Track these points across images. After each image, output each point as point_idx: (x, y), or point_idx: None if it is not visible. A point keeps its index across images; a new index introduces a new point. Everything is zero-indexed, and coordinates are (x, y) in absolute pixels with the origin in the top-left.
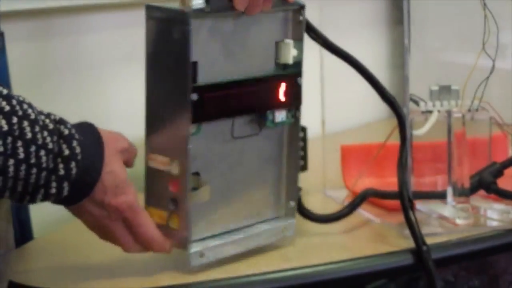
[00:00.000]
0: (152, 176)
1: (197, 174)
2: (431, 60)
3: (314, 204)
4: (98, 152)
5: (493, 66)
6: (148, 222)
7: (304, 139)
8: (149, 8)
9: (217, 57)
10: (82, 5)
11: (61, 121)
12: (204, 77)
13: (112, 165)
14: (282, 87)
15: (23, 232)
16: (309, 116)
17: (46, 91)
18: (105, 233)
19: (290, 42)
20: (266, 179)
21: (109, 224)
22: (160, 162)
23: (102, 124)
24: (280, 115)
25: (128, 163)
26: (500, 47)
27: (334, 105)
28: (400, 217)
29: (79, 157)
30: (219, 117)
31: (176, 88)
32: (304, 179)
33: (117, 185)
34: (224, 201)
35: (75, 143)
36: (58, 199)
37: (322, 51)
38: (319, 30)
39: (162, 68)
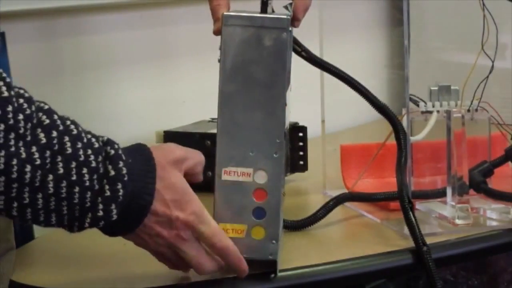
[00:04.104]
0: (227, 190)
1: None
2: (430, 60)
3: (314, 204)
4: (150, 172)
5: (492, 66)
6: (220, 230)
7: (304, 139)
8: (229, 17)
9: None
10: (83, 6)
11: (108, 142)
12: None
13: (168, 179)
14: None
15: (24, 232)
16: (309, 116)
17: (47, 92)
18: (176, 259)
19: None
20: None
21: (182, 246)
22: (241, 174)
23: (102, 125)
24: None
25: (192, 173)
26: (499, 47)
27: (334, 105)
28: (400, 217)
29: (125, 178)
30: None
31: (267, 94)
32: (304, 179)
33: (179, 198)
34: None
35: (121, 164)
36: (111, 225)
37: (322, 51)
38: (303, 45)
39: (247, 76)
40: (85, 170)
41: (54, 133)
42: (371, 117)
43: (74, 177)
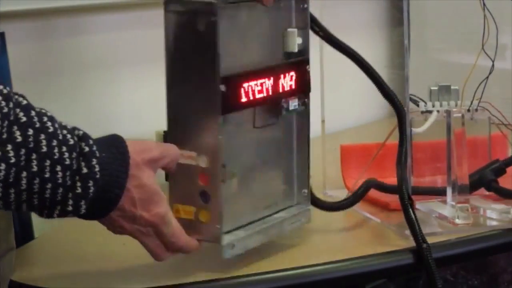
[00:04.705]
0: (179, 172)
1: (223, 166)
2: (431, 60)
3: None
4: (123, 167)
5: (493, 66)
6: (179, 230)
7: None
8: (169, 2)
9: (235, 47)
10: (82, 6)
11: (83, 138)
12: (226, 68)
13: (140, 179)
14: (292, 75)
15: (24, 232)
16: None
17: (47, 92)
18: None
19: (294, 30)
20: (281, 168)
21: (142, 239)
22: (187, 156)
23: (101, 124)
24: (293, 103)
25: (166, 170)
26: (499, 47)
27: (334, 105)
28: (400, 217)
29: (97, 175)
30: (244, 107)
31: (202, 80)
32: None
33: (147, 198)
34: (248, 192)
35: (94, 161)
36: (78, 215)
37: (322, 51)
38: (322, 24)
39: (186, 62)
40: (58, 168)
41: (30, 131)
42: (371, 117)
43: (47, 175)
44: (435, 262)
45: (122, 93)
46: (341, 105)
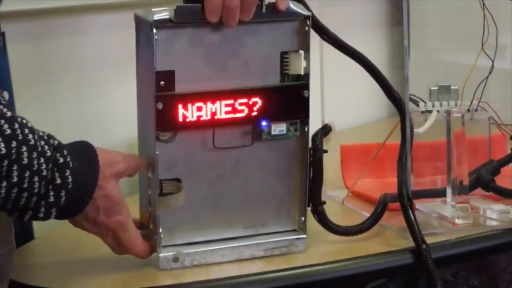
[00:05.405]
0: (141, 179)
1: (177, 180)
2: (430, 60)
3: None
4: (93, 177)
5: (492, 66)
6: (136, 238)
7: None
8: (134, 15)
9: (201, 67)
10: (82, 6)
11: (58, 148)
12: (186, 86)
13: (106, 189)
14: (280, 99)
15: (24, 232)
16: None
17: (47, 92)
18: None
19: (301, 53)
20: (272, 192)
21: (101, 237)
22: (144, 166)
23: (100, 124)
24: (278, 128)
25: (130, 176)
26: (499, 48)
27: (334, 105)
28: (400, 218)
29: (70, 186)
30: (192, 127)
31: (149, 95)
32: None
33: (110, 207)
34: (214, 209)
35: (67, 172)
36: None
37: (322, 52)
38: (329, 29)
39: (143, 75)
40: (36, 178)
41: (14, 143)
42: (371, 117)
43: (25, 185)
44: (435, 262)
45: (121, 92)
46: (341, 105)
